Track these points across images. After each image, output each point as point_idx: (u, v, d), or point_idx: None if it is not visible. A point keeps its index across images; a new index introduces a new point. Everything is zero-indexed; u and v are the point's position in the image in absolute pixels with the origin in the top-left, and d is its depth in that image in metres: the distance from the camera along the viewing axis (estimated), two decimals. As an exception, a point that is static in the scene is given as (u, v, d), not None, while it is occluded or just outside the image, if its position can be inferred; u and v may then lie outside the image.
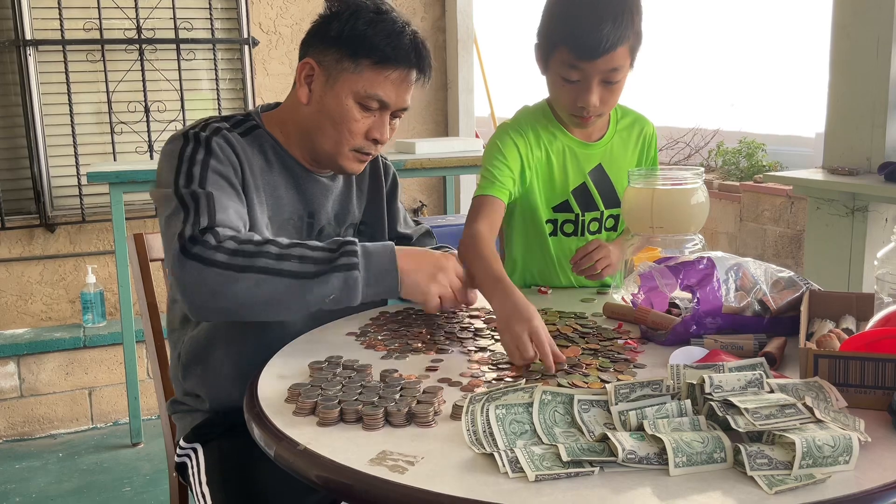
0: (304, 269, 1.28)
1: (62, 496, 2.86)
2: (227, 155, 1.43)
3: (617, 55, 1.57)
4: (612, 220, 1.83)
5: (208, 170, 1.39)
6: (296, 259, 1.28)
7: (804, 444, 0.88)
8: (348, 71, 1.46)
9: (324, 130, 1.50)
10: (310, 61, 1.49)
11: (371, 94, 1.46)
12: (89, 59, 3.59)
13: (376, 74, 1.46)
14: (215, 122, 1.49)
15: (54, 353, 3.41)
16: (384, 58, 1.45)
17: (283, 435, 1.04)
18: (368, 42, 1.45)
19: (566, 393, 1.03)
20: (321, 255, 1.30)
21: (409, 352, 1.34)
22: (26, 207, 3.56)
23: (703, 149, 4.07)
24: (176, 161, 1.40)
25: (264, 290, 1.26)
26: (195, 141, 1.42)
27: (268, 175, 1.52)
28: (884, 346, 1.08)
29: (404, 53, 1.46)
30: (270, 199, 1.51)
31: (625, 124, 1.83)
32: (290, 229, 1.54)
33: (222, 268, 1.25)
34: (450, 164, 3.45)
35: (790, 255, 3.41)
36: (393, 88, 1.47)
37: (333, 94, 1.47)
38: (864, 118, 2.68)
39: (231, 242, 1.28)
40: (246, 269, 1.26)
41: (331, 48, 1.47)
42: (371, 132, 1.50)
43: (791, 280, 1.42)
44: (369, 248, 1.33)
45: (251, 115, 1.57)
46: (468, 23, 4.22)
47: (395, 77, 1.47)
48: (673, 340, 1.34)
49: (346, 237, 1.35)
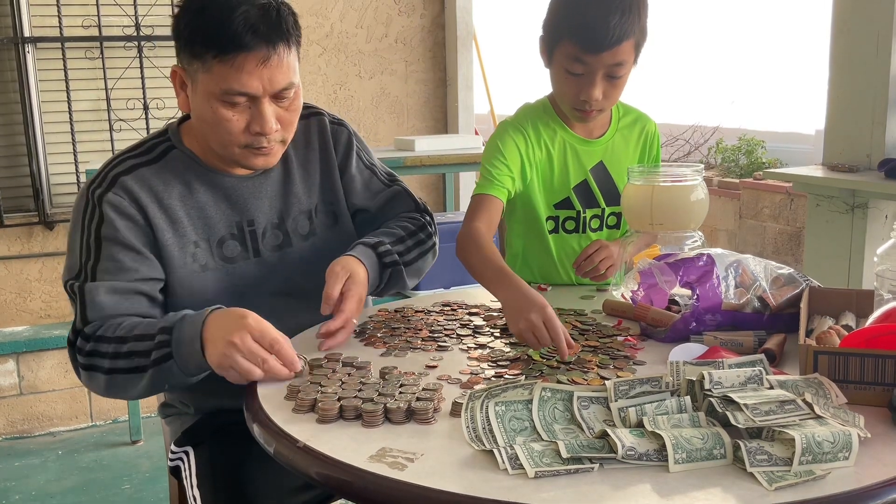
0: (138, 363, 1.30)
1: (62, 493, 2.86)
2: (123, 210, 1.39)
3: (622, 49, 1.57)
4: (614, 218, 1.83)
5: (101, 241, 1.39)
6: (131, 356, 1.31)
7: (804, 440, 0.88)
8: (200, 72, 1.35)
9: (208, 134, 1.41)
10: (175, 69, 1.41)
11: (227, 89, 1.33)
12: (88, 57, 3.59)
13: (224, 67, 1.32)
14: (119, 163, 1.43)
15: (53, 350, 3.40)
16: (222, 48, 1.32)
17: (283, 432, 1.04)
18: (203, 36, 1.33)
19: (566, 390, 1.03)
20: (145, 347, 1.30)
21: (408, 349, 1.34)
22: (25, 205, 3.56)
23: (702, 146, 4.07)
24: (80, 230, 1.42)
25: (121, 385, 1.33)
26: (92, 203, 1.41)
27: (189, 199, 1.45)
28: (883, 342, 1.08)
29: (241, 36, 1.31)
30: (199, 223, 1.46)
31: (626, 122, 1.83)
32: (234, 244, 1.48)
33: (91, 370, 1.34)
34: (449, 162, 3.44)
35: (790, 252, 3.40)
36: (249, 76, 1.33)
37: (198, 98, 1.38)
38: (864, 115, 2.68)
39: (91, 344, 1.33)
40: (105, 370, 1.32)
41: (182, 52, 1.38)
42: (252, 126, 1.37)
43: (791, 277, 1.42)
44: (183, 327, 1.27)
45: (167, 134, 1.49)
46: (467, 19, 4.22)
47: (241, 63, 1.32)
48: (672, 337, 1.34)
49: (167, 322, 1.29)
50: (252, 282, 1.48)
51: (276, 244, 1.52)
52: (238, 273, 1.48)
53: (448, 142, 3.65)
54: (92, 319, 1.35)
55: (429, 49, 4.26)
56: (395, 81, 4.18)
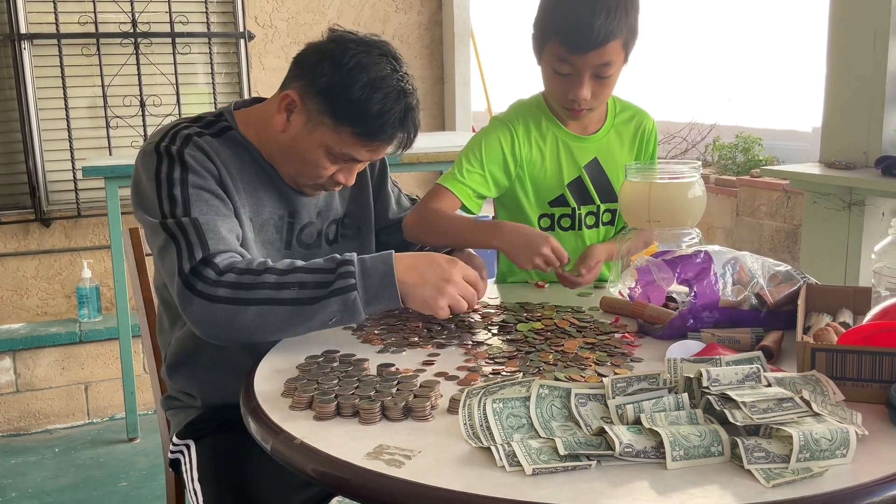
0: (303, 295, 1.26)
1: (58, 491, 2.86)
2: (204, 165, 1.39)
3: (608, 50, 1.57)
4: (608, 215, 1.82)
5: (188, 188, 1.36)
6: (294, 286, 1.27)
7: (801, 437, 0.88)
8: (328, 127, 1.40)
9: (291, 162, 1.47)
10: (293, 94, 1.42)
11: (345, 153, 1.43)
12: (84, 54, 3.58)
13: (355, 142, 1.42)
14: (184, 127, 1.44)
15: (50, 348, 3.40)
16: (368, 133, 1.40)
17: (280, 429, 1.04)
18: (356, 114, 1.38)
19: (563, 387, 1.02)
20: (319, 279, 1.27)
21: (405, 346, 1.34)
22: (21, 202, 3.55)
23: (699, 143, 4.07)
24: (154, 183, 1.37)
25: (269, 319, 1.27)
26: (168, 157, 1.38)
27: (246, 176, 1.48)
28: (881, 339, 1.08)
29: (391, 132, 1.41)
30: (251, 200, 1.48)
31: (623, 118, 1.82)
32: (271, 229, 1.51)
33: (226, 303, 1.26)
34: (446, 159, 3.44)
35: (786, 249, 3.41)
36: (369, 153, 1.45)
37: (308, 139, 1.42)
38: (861, 112, 2.68)
39: (231, 275, 1.27)
40: (249, 301, 1.26)
41: (318, 96, 1.40)
42: (336, 176, 1.47)
43: (788, 274, 1.42)
44: (367, 263, 1.29)
45: (223, 116, 1.51)
46: (465, 16, 4.21)
47: (375, 147, 1.44)
48: (670, 334, 1.34)
49: (344, 256, 1.31)
50: None
51: (308, 243, 1.57)
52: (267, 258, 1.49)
53: (445, 139, 3.66)
54: (217, 250, 1.31)
55: (426, 46, 4.25)
56: (393, 78, 4.17)
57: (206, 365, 1.50)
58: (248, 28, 3.81)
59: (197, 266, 1.28)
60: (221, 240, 1.33)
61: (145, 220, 1.39)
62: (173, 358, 1.54)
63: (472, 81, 4.32)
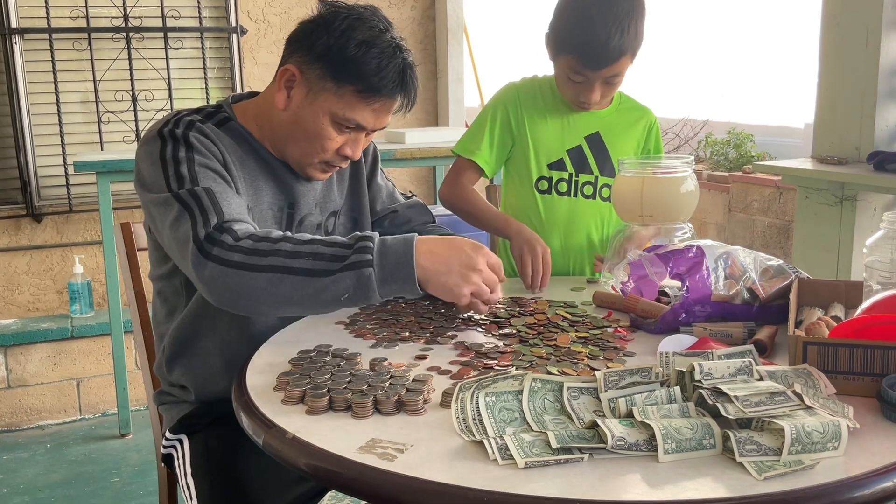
0: (317, 266, 1.24)
1: (50, 487, 2.85)
2: (208, 147, 1.40)
3: (620, 64, 1.71)
4: (607, 190, 1.89)
5: (195, 166, 1.35)
6: (309, 257, 1.24)
7: (793, 430, 0.89)
8: (330, 91, 1.41)
9: (296, 140, 1.47)
10: (292, 68, 1.44)
11: (349, 118, 1.43)
12: (76, 48, 3.56)
13: (358, 101, 1.42)
14: (186, 115, 1.44)
15: (42, 343, 3.39)
16: (370, 88, 1.40)
17: (272, 423, 1.03)
18: (356, 69, 1.39)
19: (556, 380, 1.02)
20: (335, 252, 1.25)
21: (398, 340, 1.34)
22: (13, 197, 3.53)
23: (692, 139, 4.08)
24: (160, 164, 1.36)
25: (280, 289, 1.24)
26: (172, 139, 1.38)
27: (246, 165, 1.48)
28: (872, 332, 1.08)
29: (392, 85, 1.41)
30: (250, 189, 1.48)
31: (627, 106, 1.94)
32: (269, 220, 1.51)
33: (240, 268, 1.24)
34: (439, 154, 3.44)
35: (778, 245, 3.42)
36: (373, 115, 1.45)
37: (311, 109, 1.43)
38: (853, 108, 2.69)
39: (248, 241, 1.26)
40: (262, 268, 1.24)
41: (316, 63, 1.41)
42: (343, 149, 1.47)
43: (780, 268, 1.42)
44: (388, 242, 1.27)
45: (222, 107, 1.52)
46: (458, 12, 4.21)
47: (378, 106, 1.43)
48: (662, 328, 1.34)
49: (364, 232, 1.29)
50: None
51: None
52: None
53: (438, 134, 3.66)
54: (231, 217, 1.29)
55: (419, 42, 4.25)
56: (386, 74, 4.16)
57: (202, 356, 1.49)
58: (240, 23, 3.80)
59: (212, 232, 1.27)
60: (233, 206, 1.32)
61: (154, 200, 1.36)
62: (169, 349, 1.53)
63: (465, 77, 4.32)
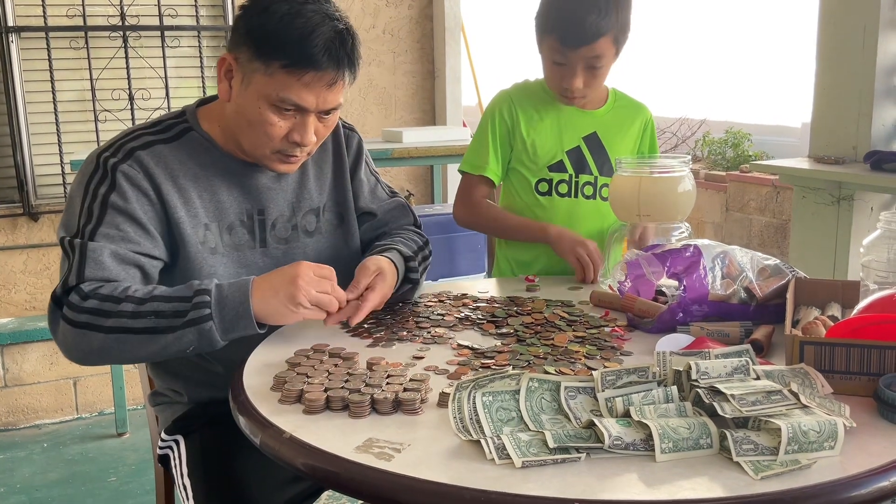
0: (159, 325, 1.26)
1: (47, 486, 2.85)
2: (137, 183, 1.38)
3: (599, 44, 1.71)
4: (607, 190, 1.89)
5: (107, 208, 1.36)
6: (151, 315, 1.27)
7: (790, 429, 0.89)
8: (259, 72, 1.36)
9: (243, 131, 1.43)
10: (227, 57, 1.40)
11: (284, 97, 1.36)
12: (73, 47, 3.55)
13: (288, 77, 1.35)
14: (134, 139, 1.42)
15: (38, 342, 3.38)
16: (295, 61, 1.34)
17: (269, 423, 1.03)
18: (278, 42, 1.34)
19: (553, 380, 1.02)
20: (176, 308, 1.27)
21: (395, 340, 1.34)
22: (9, 196, 3.53)
23: (689, 139, 4.08)
24: (82, 190, 1.38)
25: (126, 347, 1.28)
26: (103, 170, 1.38)
27: (203, 181, 1.45)
28: (869, 332, 1.08)
29: (318, 56, 1.34)
30: (211, 205, 1.45)
31: (623, 104, 1.95)
32: (240, 231, 1.48)
33: (87, 328, 1.28)
34: (437, 153, 3.44)
35: (775, 244, 3.42)
36: (309, 92, 1.36)
37: (247, 95, 1.38)
38: (850, 107, 2.69)
39: (93, 301, 1.28)
40: (108, 329, 1.27)
41: (243, 45, 1.37)
42: (291, 135, 1.40)
43: (777, 268, 1.42)
44: (224, 292, 1.28)
45: (184, 115, 1.49)
46: (456, 11, 4.20)
47: (309, 80, 1.35)
48: (659, 328, 1.35)
49: (202, 284, 1.29)
50: (256, 271, 1.47)
51: (284, 237, 1.53)
52: (243, 261, 1.48)
53: (436, 133, 3.65)
54: (90, 278, 1.31)
55: (417, 41, 4.24)
56: (383, 73, 4.17)
57: (193, 362, 1.49)
58: (237, 22, 3.80)
59: (66, 291, 1.31)
60: (100, 266, 1.32)
61: (63, 222, 1.40)
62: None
63: (462, 76, 4.32)
